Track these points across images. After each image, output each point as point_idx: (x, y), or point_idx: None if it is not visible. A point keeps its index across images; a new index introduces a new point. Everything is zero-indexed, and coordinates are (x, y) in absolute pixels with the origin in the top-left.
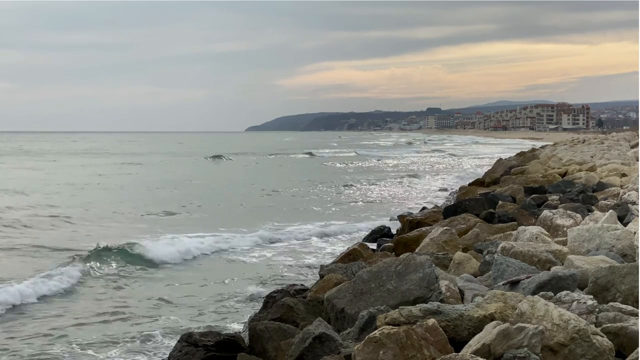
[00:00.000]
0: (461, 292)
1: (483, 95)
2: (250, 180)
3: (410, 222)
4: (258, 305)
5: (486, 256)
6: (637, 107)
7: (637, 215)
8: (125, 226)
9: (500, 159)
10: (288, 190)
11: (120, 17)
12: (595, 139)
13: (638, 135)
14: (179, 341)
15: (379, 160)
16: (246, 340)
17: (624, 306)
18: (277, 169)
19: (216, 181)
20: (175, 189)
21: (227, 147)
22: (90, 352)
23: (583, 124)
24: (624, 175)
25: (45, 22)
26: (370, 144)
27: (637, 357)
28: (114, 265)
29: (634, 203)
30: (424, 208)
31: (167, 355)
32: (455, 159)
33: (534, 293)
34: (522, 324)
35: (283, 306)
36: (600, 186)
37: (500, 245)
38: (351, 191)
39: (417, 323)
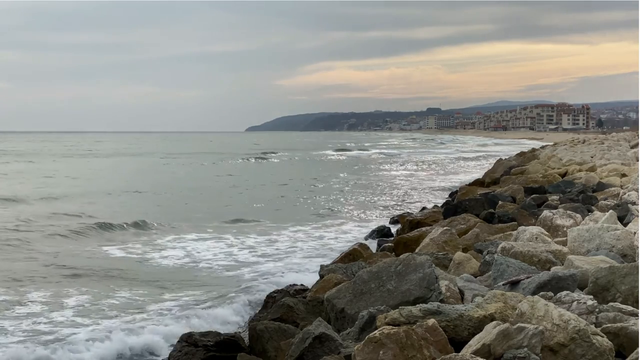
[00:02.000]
0: (461, 292)
1: (483, 95)
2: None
3: (410, 222)
4: (258, 306)
5: (486, 256)
6: (637, 107)
7: (637, 216)
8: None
9: (500, 159)
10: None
11: (121, 17)
12: (595, 139)
13: (638, 135)
14: (178, 341)
15: (429, 167)
16: (246, 340)
17: (624, 306)
18: (338, 169)
19: (290, 181)
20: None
21: (257, 147)
22: None
23: (583, 124)
24: (624, 175)
25: (45, 22)
26: (386, 144)
27: (637, 357)
28: None
29: (634, 203)
30: (424, 208)
31: (167, 355)
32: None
33: (534, 293)
34: (522, 324)
35: (283, 306)
36: (600, 186)
37: (500, 246)
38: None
39: (417, 323)
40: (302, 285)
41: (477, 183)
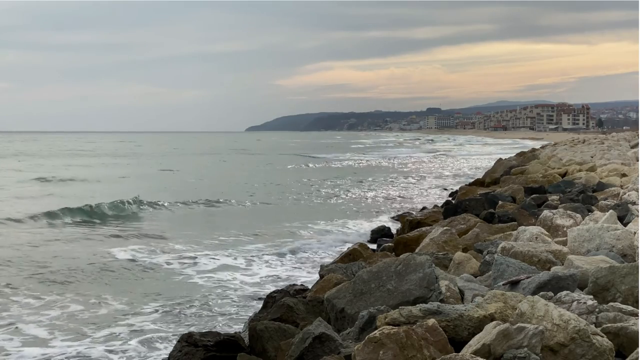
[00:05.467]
0: (461, 292)
1: (483, 95)
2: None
3: (410, 222)
4: (258, 305)
5: (486, 256)
6: (637, 107)
7: (637, 215)
8: None
9: (500, 159)
10: None
11: (120, 17)
12: (595, 139)
13: (638, 135)
14: (178, 341)
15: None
16: (246, 340)
17: (624, 306)
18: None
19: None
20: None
21: (283, 147)
22: None
23: (583, 124)
24: (624, 175)
25: (45, 22)
26: (406, 142)
27: (637, 357)
28: None
29: (634, 203)
30: (424, 208)
31: (167, 356)
32: None
33: (534, 293)
34: (522, 324)
35: (283, 306)
36: (600, 186)
37: (500, 246)
38: None
39: (417, 323)
40: (302, 285)
41: (477, 183)
